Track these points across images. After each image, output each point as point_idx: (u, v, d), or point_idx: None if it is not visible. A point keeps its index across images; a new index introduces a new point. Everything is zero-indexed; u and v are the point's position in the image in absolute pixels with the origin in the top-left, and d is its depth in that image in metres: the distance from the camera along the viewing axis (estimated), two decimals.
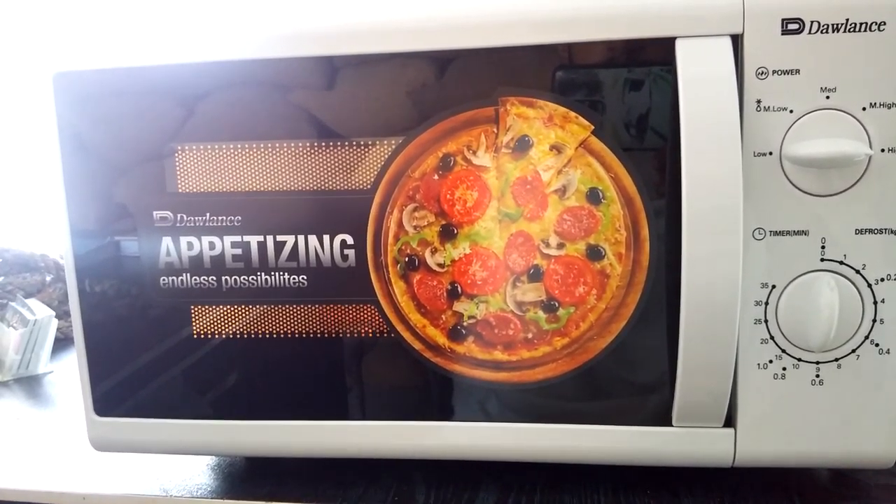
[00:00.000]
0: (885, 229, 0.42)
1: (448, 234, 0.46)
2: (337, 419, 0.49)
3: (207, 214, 0.48)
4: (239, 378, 0.50)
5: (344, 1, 0.46)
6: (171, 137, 0.48)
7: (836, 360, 0.43)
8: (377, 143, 0.46)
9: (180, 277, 0.49)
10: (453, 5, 0.44)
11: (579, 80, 0.44)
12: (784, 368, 0.44)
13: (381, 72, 0.45)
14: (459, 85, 0.45)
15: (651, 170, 0.44)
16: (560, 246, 0.45)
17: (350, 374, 0.49)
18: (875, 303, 0.43)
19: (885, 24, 0.40)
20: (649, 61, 0.43)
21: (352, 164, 0.46)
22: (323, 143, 0.46)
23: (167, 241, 0.49)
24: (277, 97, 0.46)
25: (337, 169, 0.46)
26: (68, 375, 0.79)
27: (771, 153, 0.42)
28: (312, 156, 0.46)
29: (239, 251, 0.48)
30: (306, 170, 0.47)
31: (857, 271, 0.43)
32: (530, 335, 0.46)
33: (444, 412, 0.48)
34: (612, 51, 0.43)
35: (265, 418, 0.50)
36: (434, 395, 0.48)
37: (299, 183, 0.47)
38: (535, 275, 0.45)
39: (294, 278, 0.48)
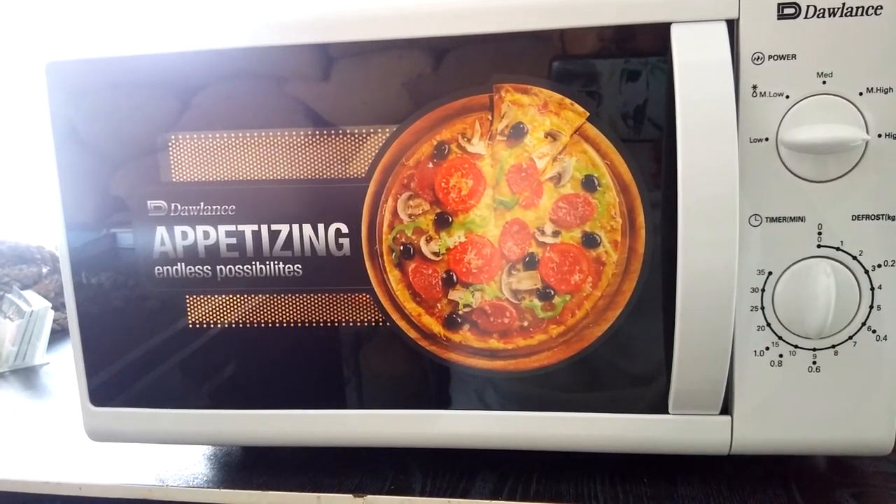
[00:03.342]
0: (882, 215, 0.42)
1: (443, 222, 0.46)
2: (333, 408, 0.49)
3: (202, 204, 0.48)
4: (235, 367, 0.50)
5: None
6: (165, 127, 0.47)
7: (833, 346, 0.43)
8: (371, 131, 0.45)
9: (175, 267, 0.49)
10: None
11: (574, 66, 0.44)
12: (781, 355, 0.44)
13: (375, 61, 0.45)
14: (454, 72, 0.44)
15: (647, 157, 0.43)
16: (555, 233, 0.45)
17: (346, 363, 0.49)
18: (872, 289, 0.43)
19: (881, 8, 0.40)
20: (645, 47, 0.42)
21: (346, 152, 0.46)
22: (317, 132, 0.46)
23: (161, 231, 0.49)
24: (272, 86, 0.46)
25: (331, 158, 0.46)
26: (65, 366, 0.80)
27: (767, 139, 0.42)
28: (307, 145, 0.46)
29: (233, 240, 0.48)
30: (301, 159, 0.46)
31: (854, 257, 0.42)
32: (526, 323, 0.46)
33: (440, 401, 0.48)
34: (607, 36, 0.43)
35: (261, 408, 0.49)
36: (430, 383, 0.48)
37: (294, 172, 0.47)
38: (531, 263, 0.45)
39: (289, 267, 0.48)
